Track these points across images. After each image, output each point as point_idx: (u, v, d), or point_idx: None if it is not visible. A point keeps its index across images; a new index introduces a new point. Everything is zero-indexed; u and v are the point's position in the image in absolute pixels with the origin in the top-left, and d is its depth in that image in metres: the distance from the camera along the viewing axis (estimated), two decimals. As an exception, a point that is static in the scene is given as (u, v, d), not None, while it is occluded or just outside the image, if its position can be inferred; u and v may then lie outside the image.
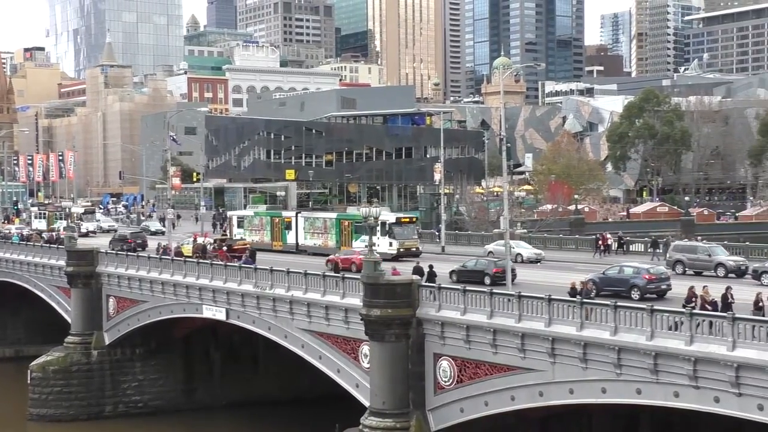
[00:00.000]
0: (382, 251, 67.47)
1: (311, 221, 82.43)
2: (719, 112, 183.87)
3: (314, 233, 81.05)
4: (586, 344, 38.35)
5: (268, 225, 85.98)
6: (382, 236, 72.33)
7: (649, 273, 49.59)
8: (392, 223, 75.11)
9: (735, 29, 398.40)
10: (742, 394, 33.82)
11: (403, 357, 44.92)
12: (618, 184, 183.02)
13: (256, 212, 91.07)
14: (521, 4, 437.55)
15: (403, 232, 75.66)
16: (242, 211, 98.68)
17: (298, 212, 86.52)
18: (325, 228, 79.96)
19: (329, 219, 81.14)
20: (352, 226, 77.09)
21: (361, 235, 73.14)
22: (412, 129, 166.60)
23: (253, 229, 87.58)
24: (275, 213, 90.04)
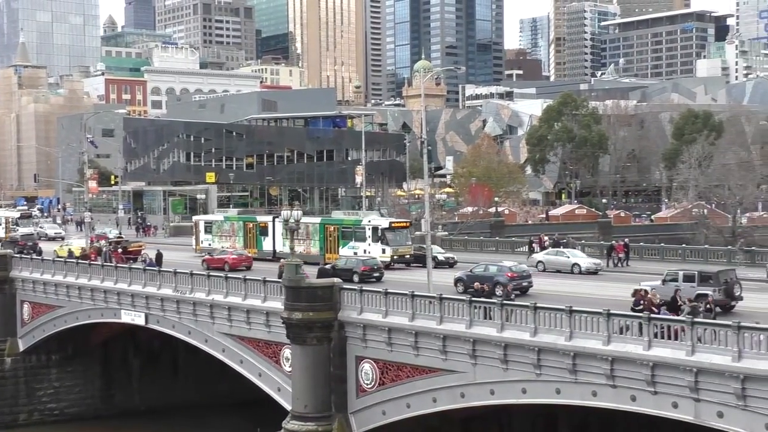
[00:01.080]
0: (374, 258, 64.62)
1: None
2: (635, 116, 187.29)
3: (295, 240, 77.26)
4: (507, 345, 38.69)
5: (240, 230, 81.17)
6: (373, 242, 69.21)
7: (512, 271, 54.03)
8: (385, 228, 70.80)
9: (650, 35, 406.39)
10: (658, 393, 34.46)
11: (324, 360, 44.78)
12: (537, 186, 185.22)
13: (227, 217, 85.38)
14: (442, 7, 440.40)
15: (397, 238, 71.26)
16: (210, 216, 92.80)
17: (276, 217, 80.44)
18: (307, 234, 74.34)
19: (312, 224, 75.20)
20: (338, 232, 72.79)
21: (349, 241, 70.68)
22: (333, 132, 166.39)
23: (223, 234, 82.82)
24: (249, 218, 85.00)
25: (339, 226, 73.04)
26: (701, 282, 45.42)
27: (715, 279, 45.43)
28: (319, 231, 73.97)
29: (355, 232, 71.04)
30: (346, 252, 69.37)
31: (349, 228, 71.71)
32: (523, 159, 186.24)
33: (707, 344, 33.64)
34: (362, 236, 70.30)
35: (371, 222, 71.24)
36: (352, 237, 70.93)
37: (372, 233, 69.27)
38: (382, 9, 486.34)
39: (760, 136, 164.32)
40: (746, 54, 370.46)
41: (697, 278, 45.78)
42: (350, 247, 69.98)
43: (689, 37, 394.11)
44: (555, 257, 66.10)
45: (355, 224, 71.86)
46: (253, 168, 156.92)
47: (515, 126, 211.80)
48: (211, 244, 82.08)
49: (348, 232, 71.27)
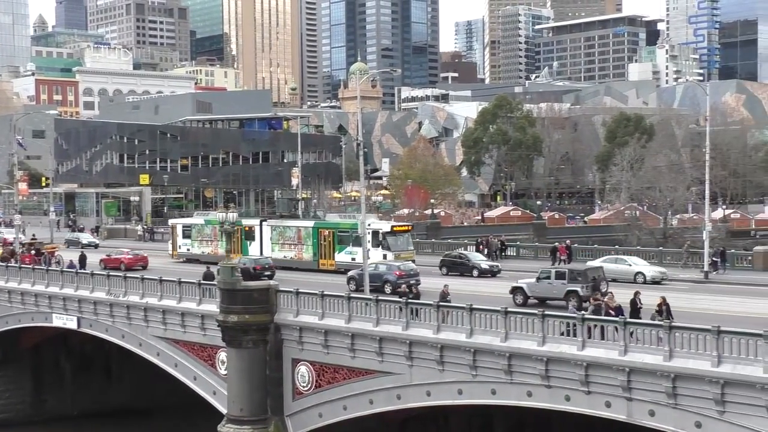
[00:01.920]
0: None
1: (280, 231, 72.74)
2: (568, 119, 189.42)
3: (285, 245, 71.74)
4: (443, 347, 38.84)
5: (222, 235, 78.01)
6: (374, 247, 64.61)
7: (399, 269, 57.65)
8: (386, 232, 67.18)
9: (582, 39, 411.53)
10: (591, 392, 34.85)
11: (260, 363, 44.54)
12: (473, 188, 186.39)
13: (208, 220, 79.11)
14: (377, 10, 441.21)
15: (399, 242, 67.43)
16: (188, 219, 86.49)
17: (264, 220, 76.90)
18: (298, 238, 70.78)
19: (304, 228, 71.11)
20: (334, 236, 68.51)
21: (346, 246, 67.03)
22: (269, 133, 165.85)
23: (203, 239, 78.23)
24: None
25: (334, 230, 68.87)
26: (571, 279, 48.13)
27: (583, 276, 48.25)
28: (312, 235, 69.72)
29: (353, 236, 66.33)
30: (343, 258, 66.72)
31: (346, 232, 67.74)
32: (459, 161, 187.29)
33: (640, 344, 34.15)
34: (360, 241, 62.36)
35: (371, 225, 66.22)
36: (349, 241, 66.97)
37: (372, 238, 64.73)
38: (318, 11, 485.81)
39: (689, 139, 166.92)
40: (676, 58, 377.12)
41: (568, 276, 48.48)
42: (347, 252, 66.80)
43: (621, 41, 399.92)
44: (614, 265, 59.60)
45: (353, 228, 66.76)
46: (188, 170, 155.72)
47: (451, 128, 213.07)
48: (190, 249, 78.17)
49: (345, 236, 67.45)
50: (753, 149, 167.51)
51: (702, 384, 32.06)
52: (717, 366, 31.85)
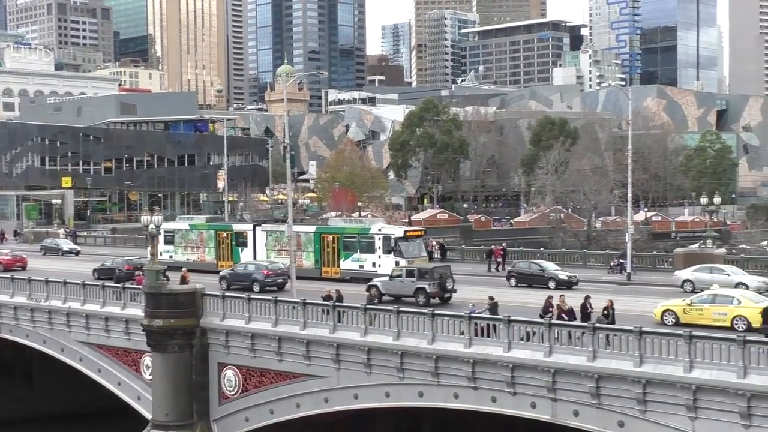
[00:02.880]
0: (387, 272, 56.80)
1: (277, 236, 67.54)
2: (494, 123, 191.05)
3: (282, 251, 65.77)
4: (371, 349, 38.92)
5: (211, 241, 71.10)
6: (384, 254, 61.22)
7: (267, 269, 59.10)
8: (399, 237, 62.37)
9: (508, 43, 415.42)
10: (517, 393, 35.25)
11: (186, 367, 44.15)
12: (400, 191, 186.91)
13: (193, 225, 74.17)
14: (304, 12, 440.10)
15: (412, 248, 62.49)
16: (170, 224, 78.93)
17: (257, 224, 71.28)
18: (299, 243, 64.98)
19: (305, 233, 66.19)
20: (338, 242, 64.06)
21: (352, 253, 62.84)
22: (194, 136, 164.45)
23: (189, 246, 72.77)
24: (222, 226, 74.55)
25: (339, 235, 64.35)
26: (420, 277, 51.38)
27: (431, 274, 51.61)
28: (314, 241, 65.02)
29: (361, 242, 62.91)
30: (349, 265, 62.60)
31: (353, 237, 63.60)
32: (386, 164, 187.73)
33: (564, 345, 34.62)
34: (370, 247, 62.34)
35: (382, 231, 63.11)
36: (356, 248, 62.89)
37: (383, 243, 61.41)
38: (244, 13, 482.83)
39: (612, 142, 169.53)
40: (599, 63, 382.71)
41: (417, 274, 51.76)
42: (354, 260, 62.68)
43: (545, 46, 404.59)
44: (710, 275, 53.67)
45: (362, 233, 63.54)
46: (112, 172, 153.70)
47: (378, 131, 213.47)
48: (172, 257, 72.00)
49: (351, 242, 63.28)
50: (673, 153, 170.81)
51: (625, 384, 32.63)
52: (639, 366, 32.43)
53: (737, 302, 40.39)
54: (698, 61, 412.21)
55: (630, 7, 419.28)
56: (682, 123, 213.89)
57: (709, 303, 41.21)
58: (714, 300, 41.39)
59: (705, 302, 41.36)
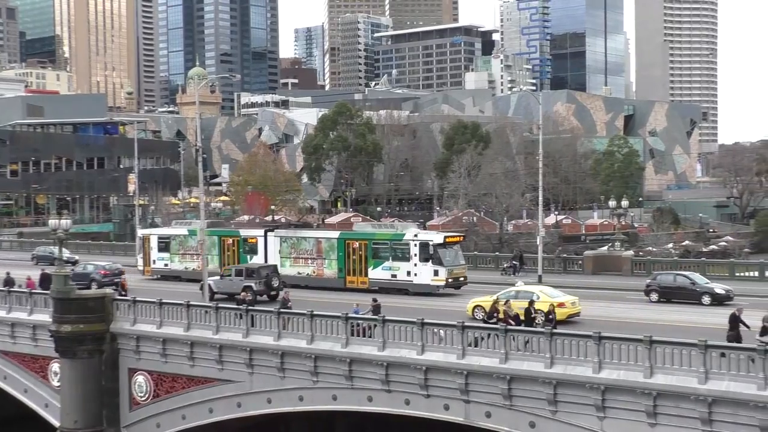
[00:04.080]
0: (424, 281, 55.17)
1: (293, 243, 62.78)
2: (408, 126, 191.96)
3: (299, 259, 62.13)
4: (284, 353, 38.79)
5: (214, 248, 65.75)
6: (421, 262, 56.61)
7: (105, 269, 62.17)
8: (438, 244, 57.40)
9: (421, 47, 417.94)
10: (430, 395, 35.45)
11: (96, 373, 43.46)
12: (313, 195, 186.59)
13: (193, 230, 67.60)
14: (216, 15, 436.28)
15: (451, 256, 58.00)
16: (166, 229, 74.46)
17: (269, 230, 65.79)
18: (318, 251, 61.26)
19: (326, 239, 61.62)
20: (367, 249, 59.20)
21: (383, 261, 58.22)
22: (104, 139, 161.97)
23: (188, 253, 67.56)
24: (228, 232, 68.94)
25: (368, 241, 59.51)
26: (247, 276, 54.97)
27: (257, 273, 55.26)
28: (338, 248, 60.32)
29: (394, 248, 58.26)
30: (379, 274, 58.17)
31: (384, 244, 58.89)
32: (299, 167, 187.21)
33: (477, 348, 34.93)
34: (405, 254, 57.63)
35: (419, 237, 58.30)
36: (388, 255, 58.28)
37: (420, 251, 56.62)
38: (155, 14, 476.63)
39: (524, 146, 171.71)
40: (510, 68, 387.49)
41: (245, 273, 55.36)
42: (386, 268, 58.08)
43: (458, 51, 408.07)
44: None
45: (395, 239, 58.78)
46: (18, 175, 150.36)
47: (291, 134, 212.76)
48: (168, 265, 68.09)
49: (382, 249, 58.64)
50: (582, 157, 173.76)
51: (536, 385, 33.07)
52: (550, 367, 32.90)
53: (537, 297, 44.92)
54: (606, 67, 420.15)
55: (540, 14, 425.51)
56: (591, 127, 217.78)
57: (513, 298, 44.63)
58: (517, 295, 45.49)
59: (510, 297, 44.76)
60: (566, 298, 45.95)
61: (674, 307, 50.53)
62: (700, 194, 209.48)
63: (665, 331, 36.45)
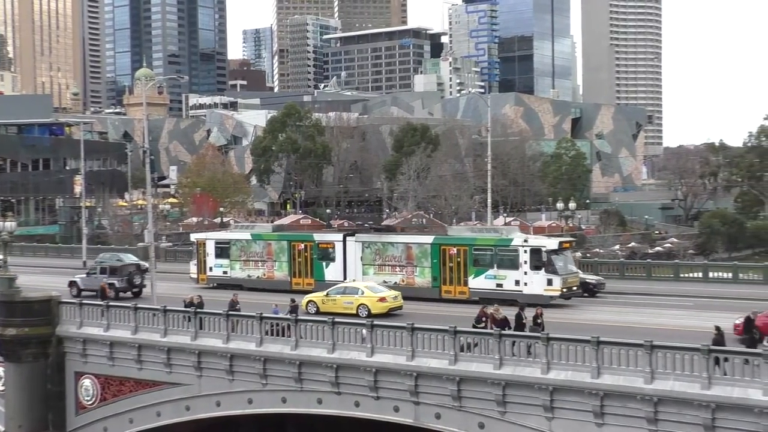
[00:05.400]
0: (535, 292, 50.31)
1: (377, 248, 57.00)
2: (357, 128, 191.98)
3: (384, 266, 56.45)
4: (233, 356, 38.63)
5: (283, 254, 60.46)
6: (532, 270, 51.33)
7: None
8: (552, 250, 51.98)
9: (370, 49, 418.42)
10: (380, 397, 35.52)
11: (41, 377, 42.98)
12: (263, 196, 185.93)
13: (258, 234, 63.31)
14: (163, 15, 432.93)
15: (564, 263, 52.86)
16: (224, 234, 68.68)
17: (349, 234, 59.78)
18: (408, 258, 55.67)
19: (418, 244, 55.90)
20: (467, 256, 53.80)
21: (486, 269, 52.78)
22: (50, 140, 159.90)
23: (251, 259, 62.00)
24: (300, 236, 63.09)
25: (468, 247, 53.96)
26: (111, 274, 58.04)
27: (120, 271, 58.48)
28: (432, 254, 54.81)
29: (499, 255, 52.85)
30: (481, 283, 52.74)
31: (488, 250, 53.39)
32: (248, 169, 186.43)
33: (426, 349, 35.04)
34: (513, 261, 52.29)
35: (528, 242, 52.93)
36: (492, 262, 52.84)
37: (531, 257, 51.47)
38: (101, 14, 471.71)
39: (472, 149, 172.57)
40: (459, 71, 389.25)
41: (108, 270, 58.32)
42: (489, 277, 52.70)
43: (407, 53, 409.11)
44: None
45: (500, 245, 53.21)
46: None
47: (240, 136, 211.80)
48: (228, 272, 62.70)
49: (485, 255, 53.25)
50: (531, 159, 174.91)
51: (485, 386, 33.27)
52: (499, 368, 33.12)
53: (361, 293, 48.36)
54: (554, 70, 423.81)
55: (488, 17, 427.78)
56: (538, 130, 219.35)
57: (340, 294, 48.87)
58: (344, 291, 49.16)
59: (338, 293, 48.97)
60: (388, 293, 49.30)
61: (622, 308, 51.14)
62: (646, 196, 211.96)
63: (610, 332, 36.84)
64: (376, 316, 43.26)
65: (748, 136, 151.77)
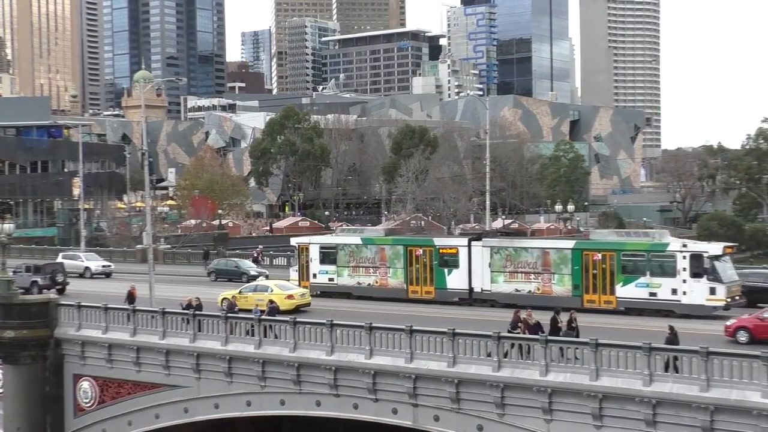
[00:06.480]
0: (696, 302, 46.29)
1: (508, 254, 52.73)
2: (355, 131, 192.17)
3: (517, 273, 52.20)
4: (232, 358, 38.60)
5: (398, 260, 56.13)
6: (693, 278, 46.80)
7: None
8: (714, 255, 47.57)
9: (368, 52, 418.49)
10: (379, 399, 35.52)
11: (39, 380, 42.93)
12: (261, 199, 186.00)
13: (369, 238, 58.73)
14: (162, 18, 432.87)
15: (727, 269, 48.22)
16: (329, 238, 64.70)
17: (474, 238, 55.23)
18: (545, 263, 51.47)
19: (556, 249, 51.72)
20: (614, 262, 49.37)
21: (637, 277, 48.35)
22: (48, 142, 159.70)
23: (359, 265, 57.67)
24: (417, 240, 58.27)
25: (616, 252, 49.54)
26: (35, 272, 62.60)
27: (43, 270, 62.98)
28: (573, 260, 50.79)
29: (653, 261, 48.49)
30: (631, 292, 48.33)
31: (639, 255, 49.04)
32: (247, 171, 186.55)
33: (425, 351, 35.03)
34: (669, 268, 48.07)
35: (687, 247, 48.41)
36: (644, 269, 48.51)
37: (691, 264, 47.04)
38: (99, 17, 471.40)
39: (471, 151, 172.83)
40: (457, 73, 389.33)
41: (33, 269, 62.94)
42: (641, 285, 48.24)
43: (405, 55, 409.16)
44: None
45: (654, 250, 48.81)
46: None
47: (238, 138, 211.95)
48: (334, 279, 58.47)
49: (636, 261, 49.00)
50: (529, 162, 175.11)
51: (484, 388, 33.25)
52: (497, 370, 33.11)
53: (270, 290, 51.32)
54: (552, 72, 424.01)
55: (486, 19, 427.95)
56: (537, 132, 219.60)
57: (252, 291, 51.94)
58: (255, 289, 52.27)
59: (250, 291, 52.03)
60: (296, 291, 52.68)
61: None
62: (644, 199, 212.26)
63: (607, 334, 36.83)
64: (284, 312, 45.80)
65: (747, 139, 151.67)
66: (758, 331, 37.58)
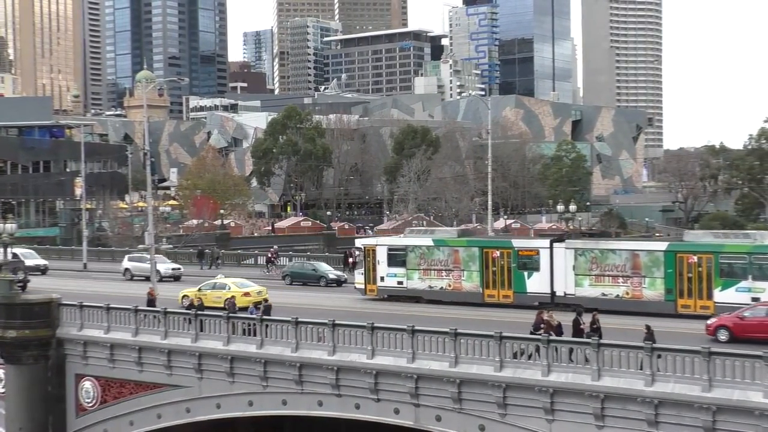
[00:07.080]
0: None
1: (596, 255, 49.75)
2: (357, 131, 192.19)
3: (604, 277, 49.25)
4: (233, 358, 38.61)
5: (473, 262, 53.13)
6: None
7: None
8: None
9: (370, 52, 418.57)
10: (381, 400, 35.52)
11: (41, 379, 42.94)
12: (263, 199, 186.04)
13: (441, 240, 55.69)
14: (164, 18, 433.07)
15: None
16: (398, 239, 60.62)
17: (556, 240, 52.93)
18: (635, 266, 48.38)
19: (647, 252, 48.75)
20: (711, 265, 46.27)
21: (738, 281, 45.36)
22: (50, 142, 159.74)
23: (431, 268, 54.61)
24: (493, 242, 56.25)
25: (713, 254, 46.50)
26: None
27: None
28: (666, 262, 47.62)
29: (755, 264, 45.61)
30: (731, 296, 44.92)
31: (740, 258, 46.15)
32: (249, 171, 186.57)
33: (426, 351, 35.03)
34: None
35: None
36: (746, 273, 45.55)
37: None
38: (101, 17, 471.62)
39: (473, 151, 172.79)
40: (459, 73, 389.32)
41: None
42: (742, 290, 45.25)
43: (407, 55, 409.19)
44: None
45: (757, 252, 45.92)
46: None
47: (240, 138, 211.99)
48: (403, 283, 55.52)
49: (736, 264, 46.16)
50: (531, 162, 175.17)
51: (485, 388, 33.25)
52: (499, 371, 33.11)
53: (228, 288, 52.62)
54: (554, 72, 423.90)
55: (488, 19, 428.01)
56: (539, 132, 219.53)
57: (211, 289, 53.46)
58: (214, 287, 53.66)
59: (209, 289, 53.55)
60: (252, 288, 53.99)
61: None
62: (646, 199, 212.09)
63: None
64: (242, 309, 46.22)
65: (749, 139, 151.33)
66: (738, 329, 37.85)
